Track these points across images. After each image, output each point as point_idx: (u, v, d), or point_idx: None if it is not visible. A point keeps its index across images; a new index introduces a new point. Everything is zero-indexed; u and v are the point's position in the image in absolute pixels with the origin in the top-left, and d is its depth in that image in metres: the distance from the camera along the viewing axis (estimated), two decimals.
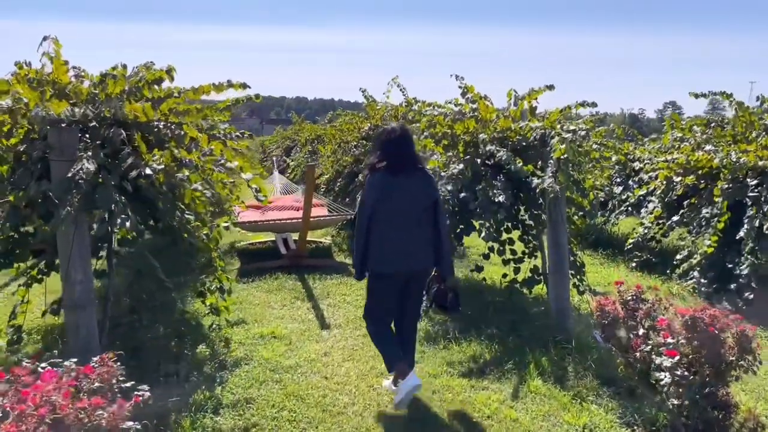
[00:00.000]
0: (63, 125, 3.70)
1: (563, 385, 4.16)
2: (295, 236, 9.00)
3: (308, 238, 9.43)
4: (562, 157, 4.63)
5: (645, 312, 3.66)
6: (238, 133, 4.43)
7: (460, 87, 5.97)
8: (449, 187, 5.32)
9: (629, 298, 3.78)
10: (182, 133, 3.94)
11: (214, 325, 5.25)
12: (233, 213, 9.35)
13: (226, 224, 5.59)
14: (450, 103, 6.14)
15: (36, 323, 5.27)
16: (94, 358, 2.56)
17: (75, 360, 2.60)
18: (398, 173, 3.76)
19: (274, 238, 9.24)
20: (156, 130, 4.03)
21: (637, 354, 3.51)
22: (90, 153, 3.60)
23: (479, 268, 6.24)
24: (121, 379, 2.54)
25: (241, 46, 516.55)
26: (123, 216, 3.48)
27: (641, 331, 3.56)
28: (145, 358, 4.43)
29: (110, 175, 3.67)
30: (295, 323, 5.60)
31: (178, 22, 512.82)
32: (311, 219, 8.25)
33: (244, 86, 4.66)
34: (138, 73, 4.37)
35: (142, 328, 4.91)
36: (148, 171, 3.53)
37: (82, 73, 4.47)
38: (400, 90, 10.14)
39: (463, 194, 5.43)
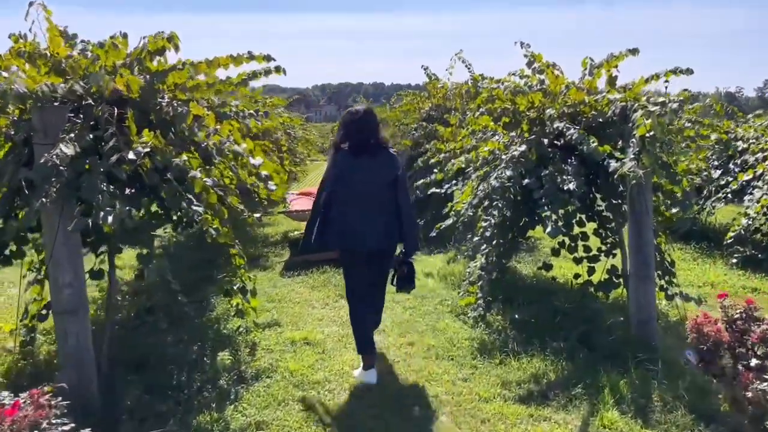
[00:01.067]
0: (55, 103, 3.22)
1: (646, 420, 3.33)
2: None
3: None
4: (647, 134, 3.75)
5: (759, 336, 2.79)
6: (251, 111, 3.82)
7: (525, 56, 5.12)
8: (509, 173, 4.51)
9: (736, 316, 2.90)
10: (185, 111, 3.36)
11: (241, 329, 4.72)
12: (285, 201, 8.88)
13: (258, 215, 5.03)
14: (515, 74, 5.30)
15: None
16: (23, 395, 2.02)
17: (7, 394, 2.06)
18: (360, 153, 3.87)
19: None
20: (158, 108, 3.47)
21: (749, 393, 2.66)
22: (73, 135, 3.07)
23: (547, 266, 5.40)
24: (55, 422, 1.97)
25: (317, 33, 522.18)
26: (108, 208, 2.93)
27: (754, 362, 2.70)
28: (156, 368, 3.95)
29: (101, 161, 3.15)
30: (334, 326, 4.98)
31: (244, 12, 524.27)
32: None
33: (267, 58, 4.04)
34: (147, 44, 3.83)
35: (161, 332, 4.43)
36: (131, 155, 2.97)
37: (90, 47, 3.98)
38: (466, 66, 9.31)
39: (526, 181, 4.61)
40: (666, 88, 4.82)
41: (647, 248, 4.06)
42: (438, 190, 6.84)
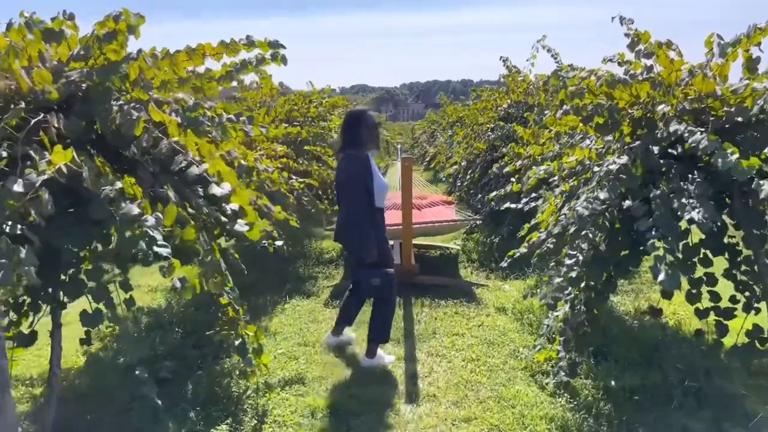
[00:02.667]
0: None
1: None
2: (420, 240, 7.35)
3: (434, 243, 7.72)
4: None
5: None
6: (231, 116, 2.80)
7: (627, 35, 3.85)
8: (603, 195, 3.27)
9: None
10: (134, 117, 2.39)
11: (249, 392, 3.73)
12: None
13: (280, 242, 4.06)
14: (611, 60, 4.03)
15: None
16: None
17: None
18: (341, 153, 4.26)
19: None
20: (105, 114, 2.53)
21: None
22: None
23: (656, 312, 4.10)
24: None
25: (403, 32, 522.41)
26: (2, 261, 2.01)
27: None
28: None
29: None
30: (372, 385, 3.92)
31: (329, 13, 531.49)
32: (426, 225, 6.52)
33: (273, 45, 3.04)
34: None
35: (142, 399, 3.51)
36: (17, 187, 2.02)
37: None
38: (552, 55, 7.98)
39: (627, 203, 3.36)
40: None
41: None
42: (514, 206, 5.64)
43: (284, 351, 4.47)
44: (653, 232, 3.11)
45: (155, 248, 2.50)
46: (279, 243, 4.05)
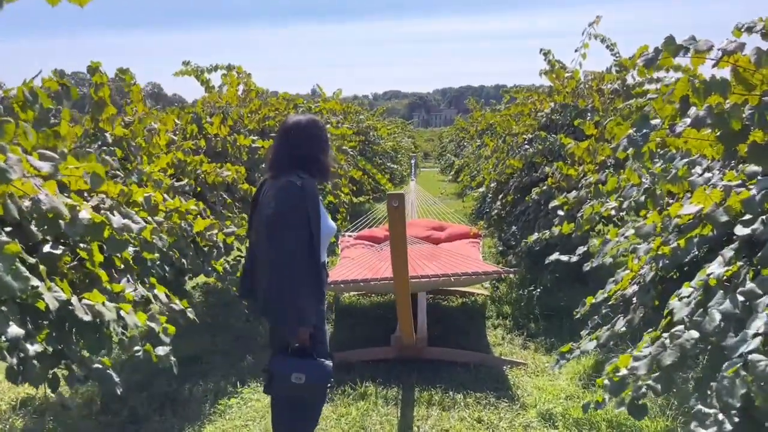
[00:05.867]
0: None
1: None
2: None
3: (461, 288, 5.90)
4: None
5: None
6: None
7: None
8: None
9: None
10: None
11: None
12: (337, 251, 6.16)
13: (172, 362, 2.40)
14: (752, 29, 2.21)
15: None
16: None
17: None
18: (269, 180, 2.77)
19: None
20: None
21: None
22: None
23: None
24: None
25: (436, 37, 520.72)
26: None
27: None
28: None
29: None
30: None
31: (359, 20, 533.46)
32: (435, 280, 4.68)
33: None
34: None
35: None
36: None
37: None
38: (607, 46, 6.17)
39: None
40: None
41: None
42: (565, 258, 3.85)
43: None
44: None
45: None
46: (162, 351, 2.35)
